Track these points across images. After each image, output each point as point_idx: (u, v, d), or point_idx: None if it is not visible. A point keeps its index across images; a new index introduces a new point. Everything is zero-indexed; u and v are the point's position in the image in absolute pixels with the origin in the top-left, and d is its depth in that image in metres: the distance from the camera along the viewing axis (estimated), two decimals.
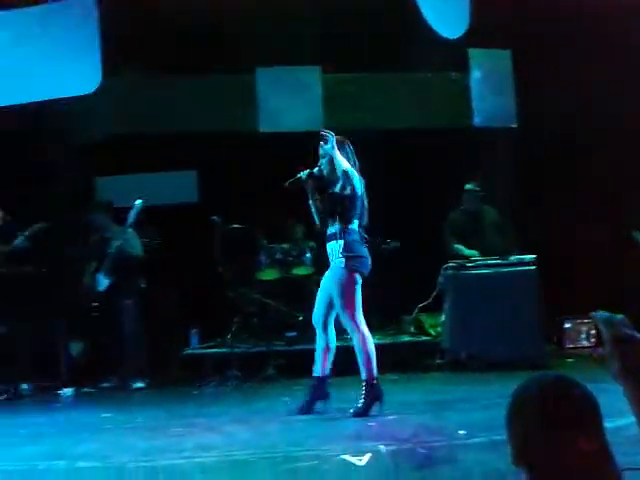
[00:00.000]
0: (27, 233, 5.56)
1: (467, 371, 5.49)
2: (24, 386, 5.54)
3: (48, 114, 5.81)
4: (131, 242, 5.81)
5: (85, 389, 5.74)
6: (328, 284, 4.14)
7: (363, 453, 3.03)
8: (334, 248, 4.07)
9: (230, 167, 7.15)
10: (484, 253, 6.02)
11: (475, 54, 7.08)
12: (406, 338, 6.41)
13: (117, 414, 4.43)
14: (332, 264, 4.10)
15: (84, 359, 6.08)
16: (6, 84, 5.05)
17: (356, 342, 4.08)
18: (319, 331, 4.20)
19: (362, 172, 7.02)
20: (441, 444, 3.21)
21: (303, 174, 4.14)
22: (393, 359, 6.00)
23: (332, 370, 4.22)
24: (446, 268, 5.89)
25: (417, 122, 7.38)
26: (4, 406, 5.20)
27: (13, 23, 5.11)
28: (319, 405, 4.12)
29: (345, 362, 5.97)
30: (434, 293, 6.06)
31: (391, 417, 3.94)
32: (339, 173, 4.06)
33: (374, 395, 4.03)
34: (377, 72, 7.37)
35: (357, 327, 4.06)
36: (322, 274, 6.59)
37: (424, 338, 6.38)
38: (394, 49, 6.91)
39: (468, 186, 6.29)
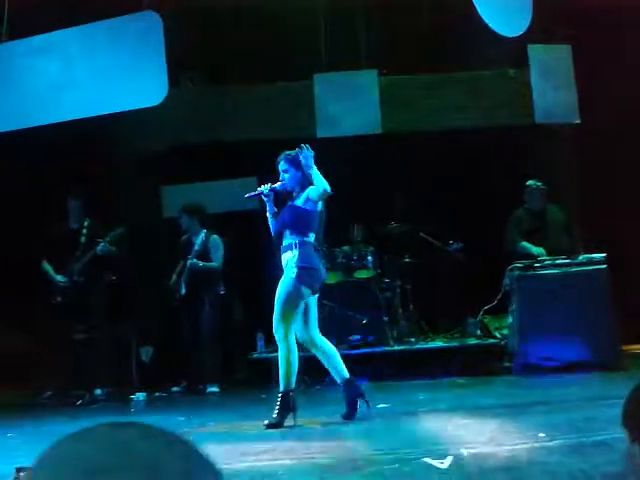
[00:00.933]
0: (108, 238, 5.71)
1: (536, 374, 5.39)
2: (98, 391, 5.70)
3: (115, 125, 6.00)
4: (215, 248, 5.94)
5: (157, 394, 5.88)
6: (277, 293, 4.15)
7: (444, 456, 3.00)
8: (289, 259, 4.09)
9: None
10: (549, 252, 5.91)
11: (534, 50, 6.95)
12: (472, 341, 6.33)
13: (191, 417, 4.51)
14: (285, 272, 4.11)
15: (154, 364, 6.23)
16: (75, 97, 5.21)
17: (282, 353, 4.10)
18: (309, 346, 4.26)
19: (422, 173, 7.10)
20: (523, 447, 3.16)
21: (264, 188, 4.19)
22: (460, 362, 5.97)
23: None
24: (512, 269, 5.79)
25: (476, 121, 7.31)
26: (80, 412, 5.33)
27: (81, 38, 5.28)
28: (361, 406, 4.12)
29: (409, 365, 6.02)
30: (499, 295, 5.98)
31: (466, 420, 3.90)
32: (306, 187, 4.11)
33: (288, 406, 4.06)
34: (434, 72, 7.34)
35: (286, 338, 4.09)
36: (385, 277, 6.67)
37: (490, 341, 6.29)
38: (450, 48, 6.87)
39: (530, 182, 6.18)
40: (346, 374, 4.19)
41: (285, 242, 4.14)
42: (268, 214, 4.29)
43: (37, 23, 5.37)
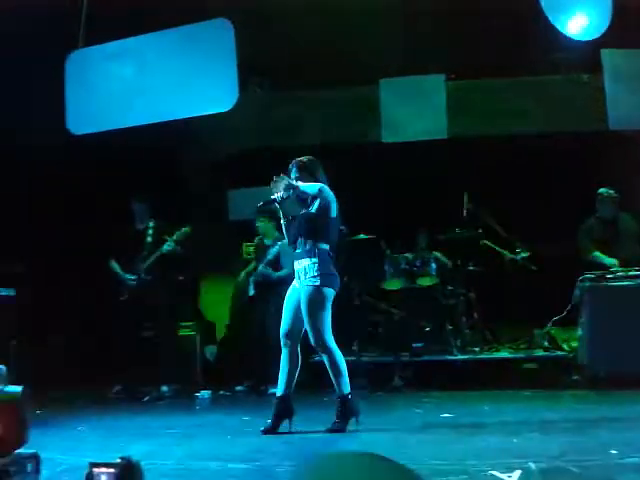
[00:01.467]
0: (174, 237, 5.84)
1: (607, 388, 5.20)
2: (164, 388, 5.84)
3: (185, 129, 6.14)
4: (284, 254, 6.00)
5: (221, 392, 5.98)
6: (296, 302, 4.06)
7: (512, 470, 2.93)
8: (307, 266, 4.01)
9: (353, 178, 7.23)
10: (621, 263, 5.71)
11: (608, 54, 6.73)
12: (539, 353, 6.16)
13: (255, 417, 4.55)
14: (303, 282, 4.02)
15: (219, 363, 6.32)
16: (148, 102, 5.36)
17: (327, 361, 4.01)
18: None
19: (489, 179, 6.98)
20: (593, 463, 3.05)
21: (278, 197, 4.09)
22: (526, 375, 5.83)
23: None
24: (583, 280, 5.62)
25: (545, 127, 7.15)
26: (148, 407, 5.47)
27: (155, 44, 5.42)
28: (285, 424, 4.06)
29: (473, 375, 5.91)
30: (569, 306, 5.81)
31: (533, 434, 3.80)
32: (319, 194, 4.04)
33: (349, 411, 3.99)
34: (502, 77, 7.21)
35: (327, 345, 3.99)
36: (448, 285, 6.58)
37: (558, 353, 6.11)
38: (519, 53, 6.74)
39: (602, 190, 5.99)
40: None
41: (300, 249, 4.09)
42: (282, 221, 4.25)
43: (112, 30, 5.56)
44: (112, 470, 2.27)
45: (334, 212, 4.11)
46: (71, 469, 3.17)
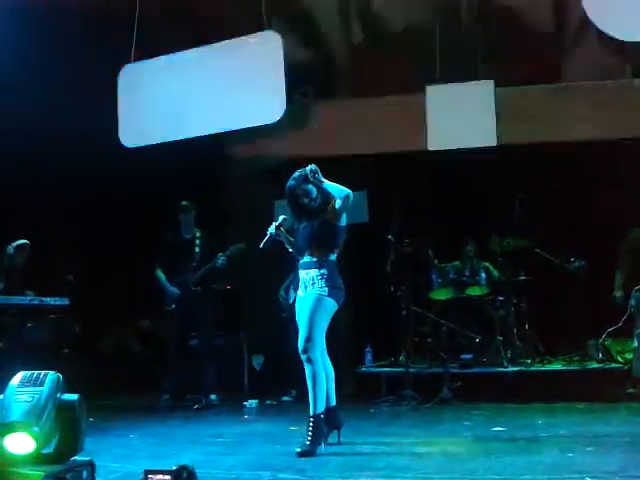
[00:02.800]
0: (228, 253, 5.90)
1: None
2: (213, 397, 5.88)
3: (232, 142, 6.21)
4: None
5: (267, 401, 5.99)
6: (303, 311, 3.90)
7: None
8: (315, 277, 3.88)
9: (398, 186, 7.18)
10: None
11: None
12: (593, 365, 5.97)
13: (302, 427, 4.50)
14: (310, 291, 3.89)
15: (265, 372, 6.34)
16: (198, 115, 5.44)
17: (308, 372, 3.87)
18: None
19: (540, 187, 6.83)
20: None
21: (271, 229, 4.03)
22: (580, 387, 5.66)
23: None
24: (638, 289, 5.44)
25: (597, 133, 6.95)
26: (197, 416, 5.52)
27: (204, 57, 5.51)
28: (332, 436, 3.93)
29: (525, 388, 5.77)
30: (624, 316, 5.63)
31: (589, 448, 3.68)
32: (345, 200, 3.88)
33: (321, 432, 3.84)
34: (551, 83, 7.07)
35: (314, 357, 3.84)
36: (498, 295, 6.44)
37: (613, 365, 5.92)
38: (568, 58, 6.61)
39: None
40: (333, 402, 4.02)
41: (307, 258, 3.95)
42: (288, 247, 4.13)
43: (163, 44, 5.67)
44: (167, 477, 2.27)
45: (344, 220, 4.00)
46: (125, 476, 3.21)
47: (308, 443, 3.75)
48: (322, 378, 3.88)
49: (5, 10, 5.37)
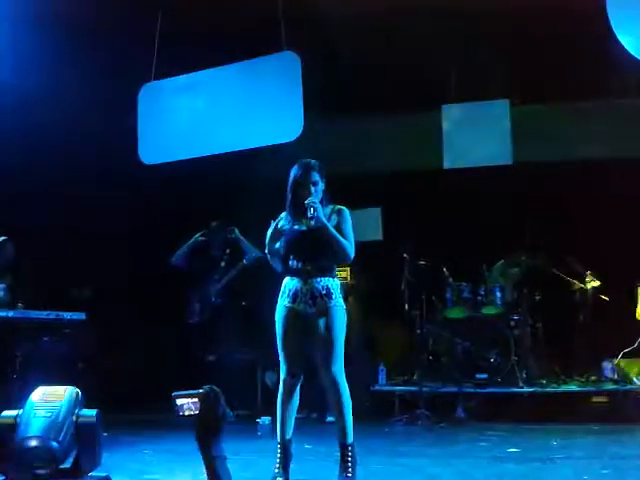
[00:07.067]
0: (239, 267, 6.03)
1: None
2: (229, 413, 5.88)
3: (249, 157, 6.25)
4: None
5: None
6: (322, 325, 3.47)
7: None
8: (331, 285, 3.50)
9: (413, 204, 7.20)
10: None
11: None
12: (610, 386, 5.93)
13: (316, 445, 4.53)
14: (325, 302, 3.48)
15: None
16: (218, 133, 5.52)
17: (337, 395, 3.52)
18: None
19: (555, 206, 6.81)
20: None
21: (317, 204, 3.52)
22: (595, 409, 5.62)
23: None
24: None
25: (614, 153, 6.96)
26: None
27: (224, 76, 5.60)
28: None
29: (540, 408, 5.73)
30: None
31: (606, 471, 3.64)
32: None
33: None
34: (568, 101, 7.08)
35: (343, 377, 3.51)
36: (513, 314, 6.39)
37: (629, 386, 5.87)
38: (585, 77, 6.61)
39: None
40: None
41: (321, 264, 3.50)
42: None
43: (183, 63, 5.76)
44: (195, 400, 2.75)
45: None
46: None
47: (350, 475, 3.45)
48: (349, 402, 3.56)
49: (26, 27, 5.48)
